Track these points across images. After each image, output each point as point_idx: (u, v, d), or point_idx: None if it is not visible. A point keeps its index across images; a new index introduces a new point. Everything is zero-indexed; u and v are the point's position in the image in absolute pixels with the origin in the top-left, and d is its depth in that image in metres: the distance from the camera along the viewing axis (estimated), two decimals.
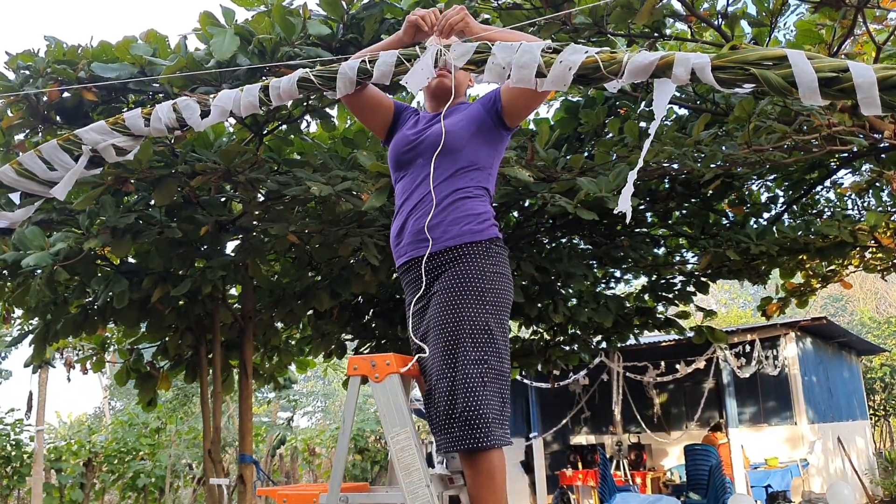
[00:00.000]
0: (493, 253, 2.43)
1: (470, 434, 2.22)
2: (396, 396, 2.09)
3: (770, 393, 12.52)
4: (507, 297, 2.45)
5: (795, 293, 8.98)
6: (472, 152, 2.49)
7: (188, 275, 5.15)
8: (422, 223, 2.44)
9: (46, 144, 2.15)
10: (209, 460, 5.69)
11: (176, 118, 2.12)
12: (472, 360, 2.28)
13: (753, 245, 6.93)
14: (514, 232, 7.94)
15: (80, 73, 4.15)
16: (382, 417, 2.07)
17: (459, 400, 2.24)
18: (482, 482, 2.24)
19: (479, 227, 2.44)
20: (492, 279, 2.38)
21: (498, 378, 2.33)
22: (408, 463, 2.00)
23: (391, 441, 2.03)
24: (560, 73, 1.78)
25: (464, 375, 2.26)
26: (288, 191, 4.32)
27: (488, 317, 2.33)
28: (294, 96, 2.18)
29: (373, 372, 2.14)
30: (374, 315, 7.79)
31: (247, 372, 5.93)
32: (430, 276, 2.46)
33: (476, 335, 2.30)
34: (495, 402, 2.29)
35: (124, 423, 12.75)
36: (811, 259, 7.76)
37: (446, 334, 2.33)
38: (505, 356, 2.38)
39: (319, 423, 32.39)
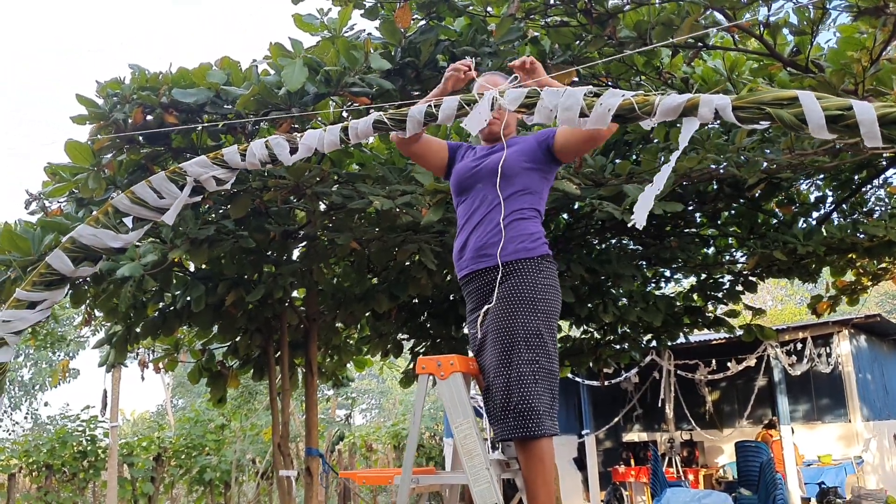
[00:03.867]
0: (543, 268, 2.76)
1: (523, 424, 2.55)
2: (460, 392, 2.41)
3: (823, 390, 12.52)
4: (555, 306, 2.77)
5: (846, 291, 9.04)
6: (526, 178, 2.84)
7: (261, 280, 5.53)
8: (482, 241, 2.76)
9: (155, 176, 2.50)
10: (279, 453, 6.07)
11: (268, 154, 2.44)
12: (526, 360, 2.61)
13: (800, 245, 7.07)
14: (564, 234, 8.19)
15: (161, 98, 4.54)
16: (448, 410, 2.39)
17: (514, 395, 2.58)
18: (534, 466, 2.57)
19: (532, 245, 2.77)
20: (543, 290, 2.70)
21: (548, 376, 2.65)
22: (470, 448, 2.31)
23: (455, 430, 2.34)
24: (600, 114, 2.05)
25: (518, 374, 2.59)
26: (351, 204, 4.66)
27: (539, 323, 2.66)
28: (370, 135, 2.49)
29: (439, 371, 2.46)
30: (429, 316, 8.12)
31: (312, 370, 6.30)
32: (488, 287, 2.79)
33: (529, 339, 2.63)
34: (546, 397, 2.61)
35: (191, 420, 13.29)
36: (861, 258, 7.83)
37: (503, 338, 2.66)
38: (554, 357, 2.71)
39: (374, 420, 32.96)
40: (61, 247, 2.45)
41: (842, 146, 5.74)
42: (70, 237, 2.45)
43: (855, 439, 11.95)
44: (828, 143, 5.62)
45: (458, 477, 2.42)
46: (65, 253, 2.43)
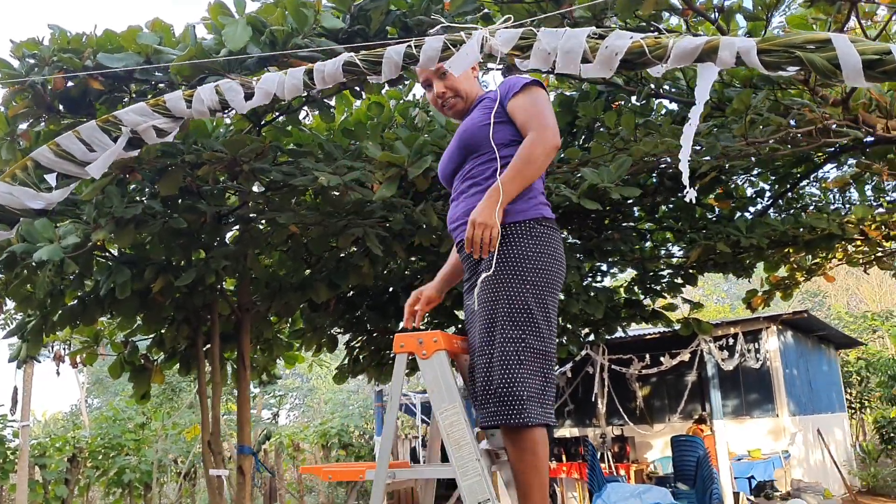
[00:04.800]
0: (536, 233, 2.46)
1: (505, 411, 2.29)
2: (444, 373, 2.14)
3: (752, 386, 12.69)
4: (551, 276, 2.47)
5: (780, 286, 9.13)
6: (497, 140, 2.54)
7: (191, 265, 5.14)
8: (467, 206, 2.51)
9: (85, 125, 2.16)
10: (209, 451, 5.68)
11: (219, 100, 2.13)
12: (510, 338, 2.34)
13: (744, 237, 7.04)
14: None
15: (85, 61, 4.13)
16: (431, 394, 2.11)
17: (496, 377, 2.32)
18: (524, 458, 2.31)
19: (523, 207, 2.47)
20: (533, 259, 2.42)
21: (537, 357, 2.38)
22: (457, 438, 2.04)
23: (440, 417, 2.07)
24: (606, 58, 1.82)
25: (501, 353, 2.33)
26: (294, 181, 4.34)
27: (528, 296, 2.38)
28: (338, 80, 2.20)
29: (420, 349, 2.18)
30: (367, 308, 7.81)
31: (244, 363, 5.93)
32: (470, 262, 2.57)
33: (514, 315, 2.36)
34: (534, 381, 2.35)
35: (109, 419, 12.63)
36: (799, 252, 7.88)
37: (485, 313, 2.40)
38: (547, 336, 2.42)
39: (299, 420, 32.29)
40: None
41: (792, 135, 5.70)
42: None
43: (782, 434, 12.14)
44: (780, 130, 5.56)
45: (443, 470, 2.14)
46: None
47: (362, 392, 21.85)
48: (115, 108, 4.54)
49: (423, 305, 2.79)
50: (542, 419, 2.35)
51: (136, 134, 2.14)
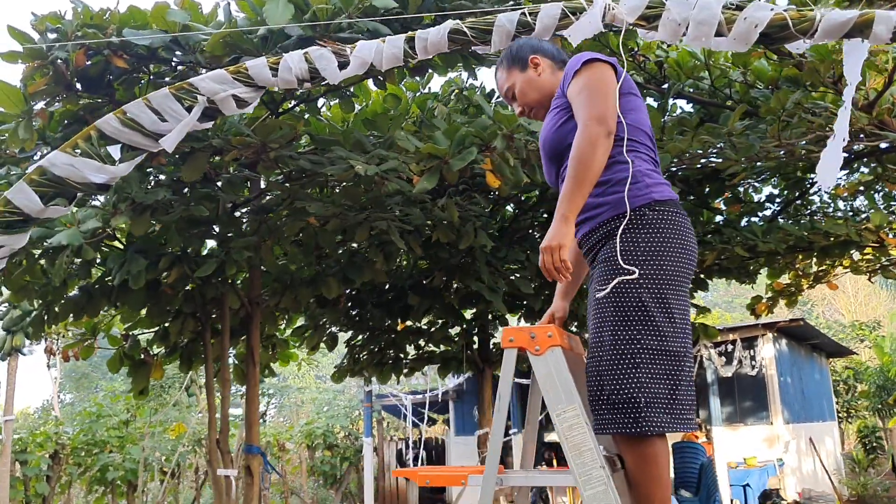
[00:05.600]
0: (648, 221, 2.24)
1: (621, 418, 2.10)
2: (560, 371, 1.95)
3: (747, 393, 12.64)
4: (670, 266, 2.23)
5: (784, 293, 9.06)
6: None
7: (204, 256, 4.94)
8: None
9: (157, 93, 1.97)
10: (216, 450, 5.47)
11: (308, 69, 1.95)
12: (621, 339, 2.15)
13: (761, 242, 6.95)
14: (511, 226, 7.86)
15: (109, 38, 3.92)
16: (545, 393, 1.93)
17: (606, 382, 2.14)
18: (643, 469, 2.12)
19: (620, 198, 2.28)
20: (647, 250, 2.21)
21: (658, 358, 2.15)
22: (578, 442, 1.86)
23: (557, 419, 1.90)
24: (744, 31, 1.67)
25: (611, 356, 2.15)
26: (325, 169, 4.15)
27: (642, 291, 2.17)
28: (442, 49, 2.03)
29: (532, 344, 2.00)
30: (372, 305, 7.63)
31: (254, 359, 5.72)
32: (592, 255, 2.40)
33: (627, 313, 2.17)
34: (654, 386, 2.13)
35: (91, 415, 12.31)
36: (812, 257, 7.80)
37: (594, 312, 2.24)
38: (669, 333, 2.18)
39: (276, 419, 31.89)
40: (26, 179, 1.88)
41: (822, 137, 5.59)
42: (39, 167, 1.89)
43: (776, 441, 12.10)
44: (809, 133, 5.46)
45: (560, 477, 1.97)
46: (31, 187, 1.87)
47: (348, 392, 21.60)
48: (134, 90, 4.34)
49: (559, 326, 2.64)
50: (666, 427, 2.12)
51: (212, 104, 1.96)
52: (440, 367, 8.58)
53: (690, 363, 2.23)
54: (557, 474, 2.00)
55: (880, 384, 16.66)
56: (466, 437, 14.87)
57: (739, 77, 6.14)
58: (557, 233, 2.19)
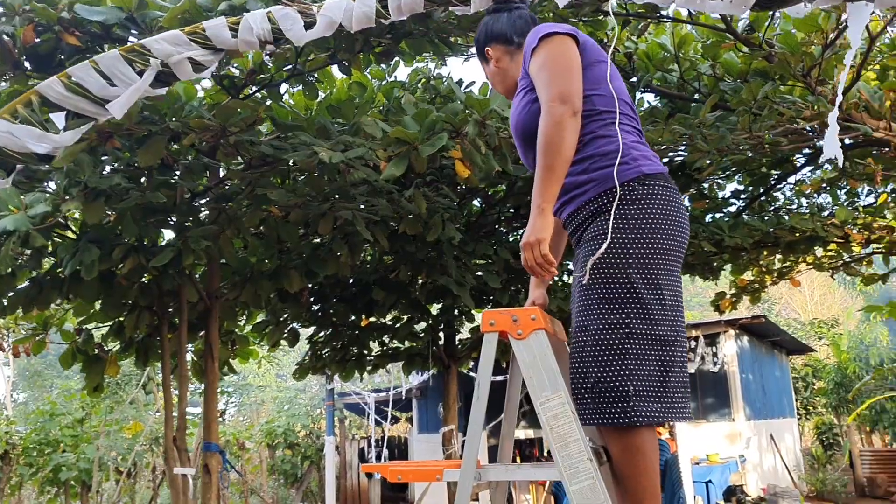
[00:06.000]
0: (636, 196, 2.09)
1: (607, 408, 1.97)
2: (545, 356, 1.82)
3: (709, 389, 12.70)
4: (661, 243, 2.08)
5: (747, 289, 9.09)
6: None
7: (160, 245, 4.74)
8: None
9: (106, 54, 1.81)
10: (173, 448, 5.27)
11: (271, 29, 1.80)
12: (608, 324, 2.01)
13: (727, 237, 6.93)
14: (478, 220, 7.75)
15: (60, 13, 3.73)
16: (528, 381, 1.80)
17: (592, 370, 2.00)
18: (631, 461, 1.99)
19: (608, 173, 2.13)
20: (636, 227, 2.06)
21: (648, 343, 2.01)
22: (563, 433, 1.73)
23: (541, 408, 1.77)
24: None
25: (595, 342, 2.01)
26: (287, 156, 3.99)
27: (631, 272, 2.02)
28: (417, 9, 1.89)
29: (514, 328, 1.87)
30: (335, 301, 7.46)
31: (213, 355, 5.53)
32: (578, 235, 2.24)
33: (613, 295, 2.03)
34: (644, 372, 1.99)
35: (44, 413, 11.95)
36: (781, 253, 7.81)
37: (579, 295, 2.10)
38: (660, 317, 2.03)
39: (235, 418, 31.45)
40: None
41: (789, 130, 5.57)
42: None
43: (737, 438, 12.17)
44: (778, 126, 5.42)
45: (545, 471, 1.84)
46: None
47: (310, 390, 21.33)
48: None
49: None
50: (657, 417, 1.99)
51: (166, 67, 1.80)
52: (405, 363, 8.44)
53: (683, 348, 2.10)
54: (540, 468, 1.89)
55: (838, 381, 16.88)
56: (430, 436, 14.74)
57: (708, 70, 6.10)
58: (535, 227, 2.06)
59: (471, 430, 1.82)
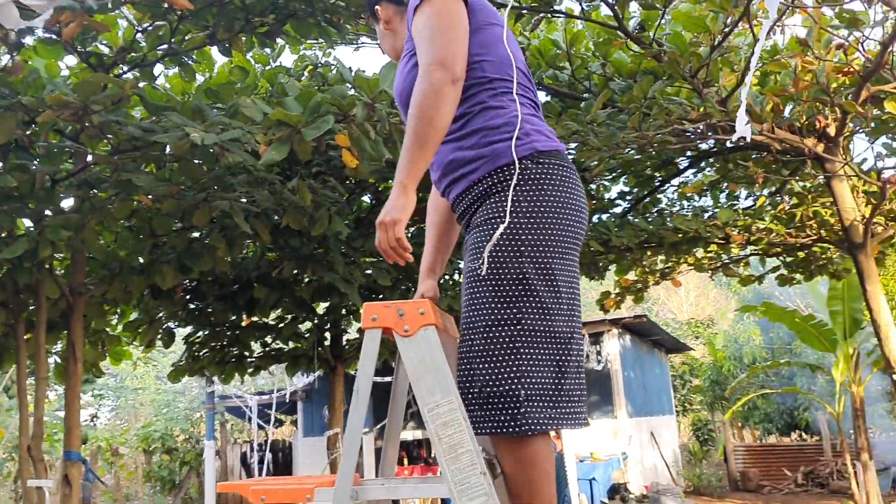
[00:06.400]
0: (529, 175, 1.84)
1: (495, 415, 1.73)
2: (434, 355, 1.58)
3: (593, 387, 12.88)
4: (557, 229, 1.84)
5: (631, 289, 9.25)
6: None
7: (23, 234, 4.31)
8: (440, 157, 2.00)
9: None
10: (28, 458, 4.81)
11: None
12: (498, 321, 1.77)
13: (614, 237, 6.97)
14: (367, 217, 7.53)
15: None
16: (415, 383, 1.56)
17: (479, 372, 1.76)
18: (523, 474, 1.75)
19: (502, 148, 1.88)
20: (529, 211, 1.82)
21: (542, 340, 1.78)
22: (454, 443, 1.50)
23: (428, 415, 1.54)
24: None
25: (483, 341, 1.77)
26: (156, 137, 3.66)
27: (523, 262, 1.78)
28: None
29: (400, 323, 1.63)
30: (214, 298, 7.07)
31: (75, 356, 5.09)
32: (466, 219, 1.99)
33: (503, 288, 1.78)
34: (537, 374, 1.76)
35: None
36: (665, 253, 7.95)
37: (467, 287, 1.85)
38: (555, 311, 1.80)
39: (112, 422, 29.96)
40: None
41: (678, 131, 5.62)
42: None
43: (620, 435, 12.40)
44: (667, 125, 5.45)
45: (433, 487, 1.61)
46: None
47: (190, 393, 20.49)
48: None
49: None
50: (550, 424, 1.76)
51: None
52: (288, 365, 8.13)
53: (579, 347, 1.88)
54: (427, 483, 1.67)
55: (714, 379, 17.55)
56: (315, 439, 14.37)
57: (599, 69, 6.10)
58: (394, 205, 1.80)
59: (348, 439, 1.58)
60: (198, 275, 6.12)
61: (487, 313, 1.79)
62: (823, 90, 5.66)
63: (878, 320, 6.19)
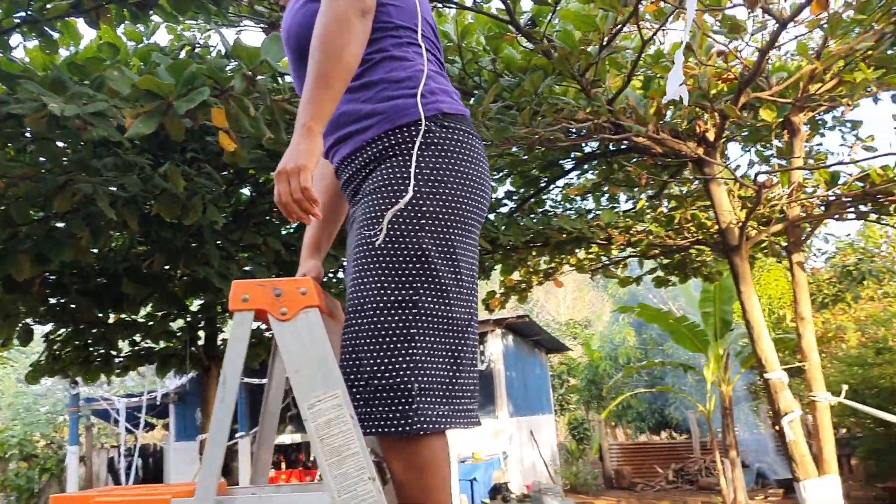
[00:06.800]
0: (433, 140, 1.64)
1: (381, 412, 1.52)
2: (317, 343, 1.35)
3: None
4: (461, 206, 1.64)
5: (515, 289, 9.29)
6: None
7: None
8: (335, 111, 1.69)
9: None
10: None
11: None
12: (391, 303, 1.55)
13: (502, 235, 6.94)
14: (247, 210, 7.21)
15: None
16: (293, 375, 1.33)
17: (366, 361, 1.53)
18: (416, 480, 1.54)
19: (402, 104, 1.67)
20: (431, 180, 1.62)
21: (440, 328, 1.58)
22: (338, 445, 1.28)
23: (309, 412, 1.31)
24: None
25: (372, 325, 1.55)
26: (11, 108, 3.30)
27: (423, 237, 1.58)
28: None
29: (277, 305, 1.38)
30: (77, 293, 6.57)
31: None
32: (354, 186, 1.75)
33: (398, 266, 1.57)
34: (432, 365, 1.56)
35: None
36: (550, 253, 7.99)
37: (355, 264, 1.62)
38: (455, 296, 1.61)
39: None
40: None
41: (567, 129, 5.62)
42: None
43: (502, 435, 12.46)
44: (556, 123, 5.43)
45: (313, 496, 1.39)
46: None
47: (52, 395, 19.26)
48: None
49: None
50: (445, 422, 1.56)
51: None
52: (159, 365, 7.68)
53: (475, 337, 1.68)
54: (304, 492, 1.46)
55: (590, 379, 17.96)
56: (188, 443, 13.78)
57: (489, 65, 6.03)
58: (299, 150, 1.53)
59: (212, 439, 1.35)
60: (59, 266, 5.66)
61: (378, 292, 1.57)
62: (704, 95, 5.79)
63: (751, 320, 6.38)
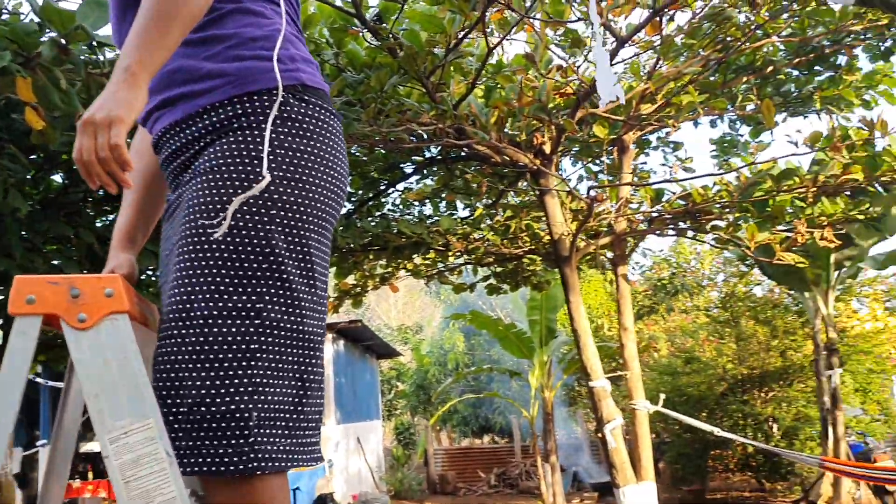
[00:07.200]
0: (293, 115, 1.36)
1: (210, 447, 1.21)
2: (124, 358, 1.04)
3: None
4: (319, 197, 1.36)
5: (350, 293, 9.12)
6: None
7: None
8: (157, 79, 1.38)
9: None
10: None
11: None
12: (229, 311, 1.25)
13: (340, 237, 6.74)
14: (58, 199, 6.58)
15: None
16: (91, 399, 0.99)
17: (190, 382, 1.22)
18: None
19: (256, 67, 1.36)
20: (286, 163, 1.32)
21: (286, 343, 1.29)
22: (149, 488, 0.94)
23: (112, 448, 0.99)
24: None
25: (202, 338, 1.23)
26: None
27: (273, 231, 1.29)
28: None
29: (74, 309, 1.05)
30: None
31: None
32: (180, 164, 1.42)
33: (240, 265, 1.27)
34: (276, 388, 1.27)
35: None
36: (388, 257, 7.87)
37: (180, 263, 1.29)
38: (306, 305, 1.33)
39: None
40: None
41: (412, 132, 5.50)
42: None
43: (328, 443, 12.20)
44: (400, 124, 5.30)
45: None
46: None
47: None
48: None
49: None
50: (288, 460, 1.28)
51: None
52: None
53: (322, 352, 1.41)
54: None
55: (419, 384, 18.02)
56: None
57: (332, 59, 5.81)
58: (114, 98, 1.19)
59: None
60: None
61: (213, 296, 1.26)
62: (543, 108, 5.85)
63: (578, 329, 6.52)
